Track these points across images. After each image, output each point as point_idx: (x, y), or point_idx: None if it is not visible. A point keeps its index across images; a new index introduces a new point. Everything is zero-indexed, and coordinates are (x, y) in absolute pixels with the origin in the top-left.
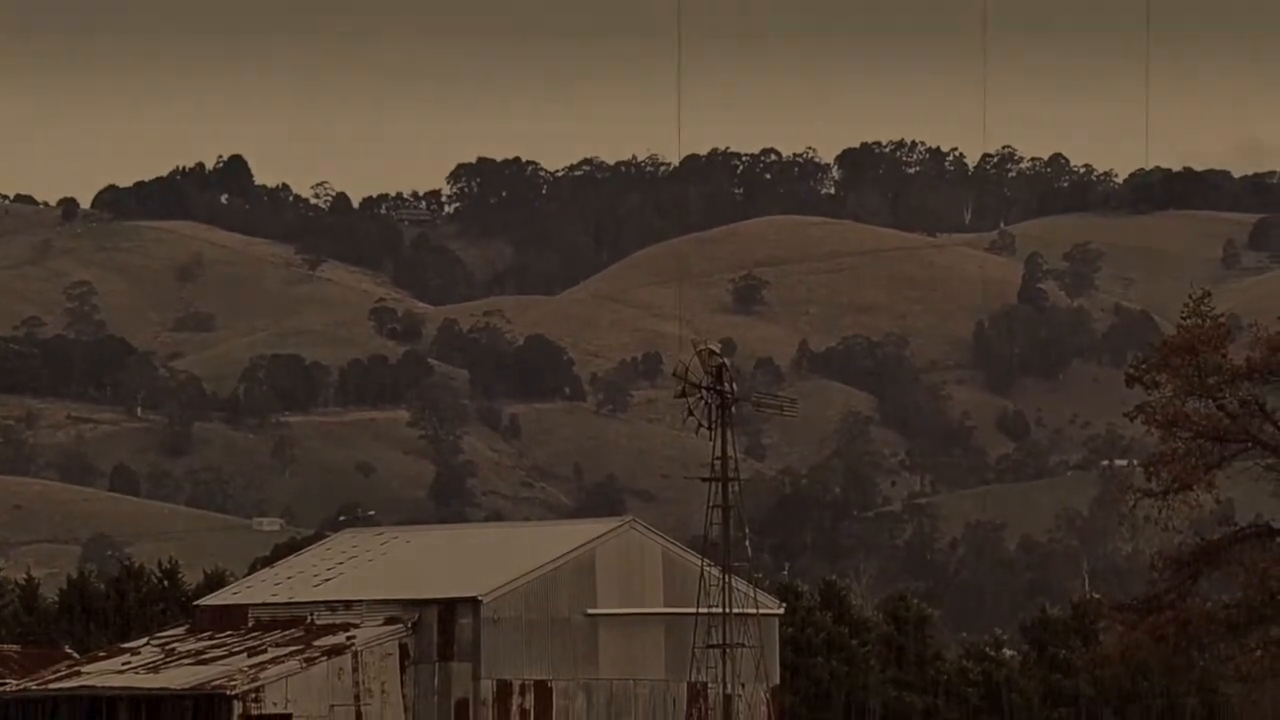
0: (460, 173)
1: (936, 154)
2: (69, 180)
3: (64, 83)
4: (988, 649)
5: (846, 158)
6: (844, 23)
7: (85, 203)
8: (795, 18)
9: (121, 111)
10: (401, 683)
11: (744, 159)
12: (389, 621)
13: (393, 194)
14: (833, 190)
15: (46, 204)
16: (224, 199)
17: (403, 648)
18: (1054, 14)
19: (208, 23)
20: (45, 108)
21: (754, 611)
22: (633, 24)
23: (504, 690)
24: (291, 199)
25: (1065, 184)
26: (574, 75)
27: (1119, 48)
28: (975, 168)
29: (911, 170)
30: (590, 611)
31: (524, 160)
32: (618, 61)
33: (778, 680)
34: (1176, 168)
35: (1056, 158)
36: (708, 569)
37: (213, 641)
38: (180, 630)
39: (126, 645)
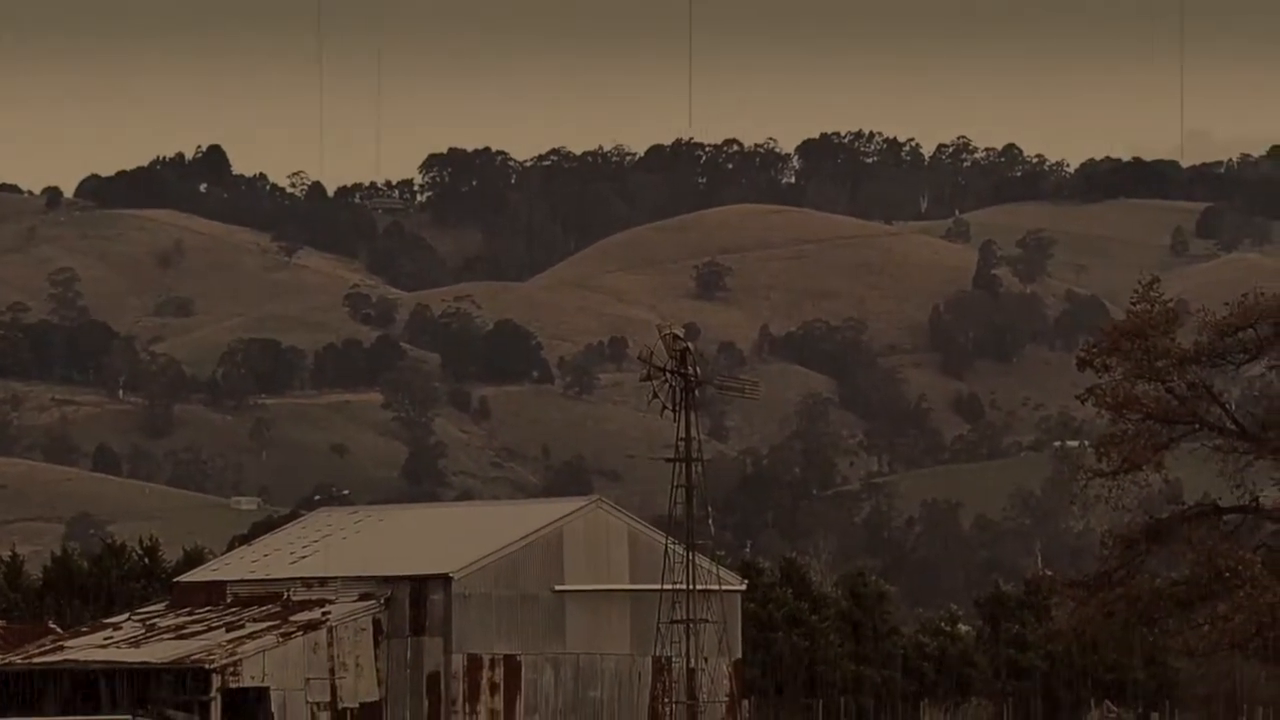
0: (432, 163)
1: (894, 144)
2: (53, 170)
3: (50, 77)
4: (943, 624)
5: (806, 148)
6: (812, 16)
7: (69, 191)
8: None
9: (104, 103)
10: (375, 656)
11: (707, 149)
12: (363, 597)
13: (366, 183)
14: (793, 180)
15: (31, 193)
16: (203, 188)
17: (376, 623)
18: (1016, 8)
19: (189, 17)
20: (31, 100)
21: (717, 588)
22: (603, 20)
23: (474, 664)
24: (268, 188)
25: (1019, 174)
26: (543, 69)
27: (1072, 44)
28: (931, 158)
29: (869, 160)
30: (558, 588)
31: (493, 150)
32: (587, 55)
33: (740, 654)
34: (1126, 158)
35: (1010, 148)
36: (672, 547)
37: (192, 617)
38: (161, 606)
39: (109, 620)
